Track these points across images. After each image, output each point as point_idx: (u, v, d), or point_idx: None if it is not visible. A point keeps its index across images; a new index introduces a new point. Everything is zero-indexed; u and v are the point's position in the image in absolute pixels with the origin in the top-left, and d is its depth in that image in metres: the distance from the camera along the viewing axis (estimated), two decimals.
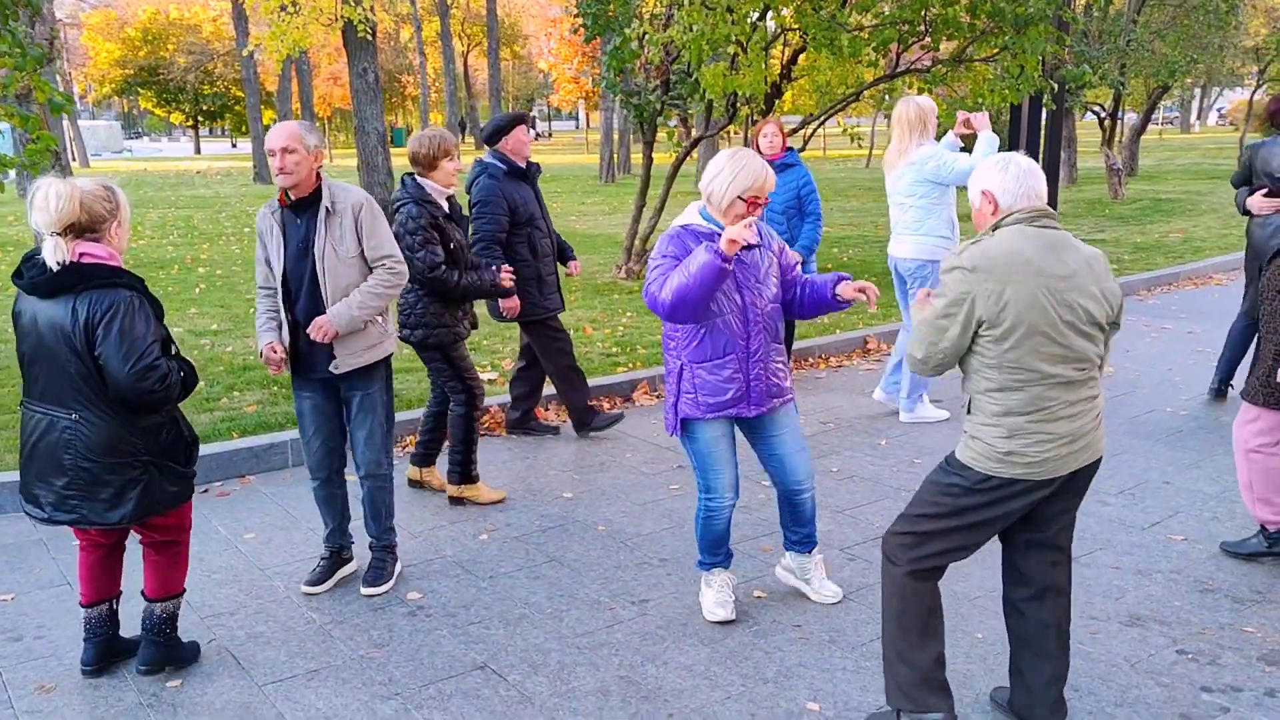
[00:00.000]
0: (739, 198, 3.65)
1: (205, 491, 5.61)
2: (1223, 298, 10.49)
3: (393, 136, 64.48)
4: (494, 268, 5.23)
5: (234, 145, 70.82)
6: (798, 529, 4.14)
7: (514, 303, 5.87)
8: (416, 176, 5.05)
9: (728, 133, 14.03)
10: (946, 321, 2.94)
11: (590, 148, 49.91)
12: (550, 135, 76.83)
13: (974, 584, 4.32)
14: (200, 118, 58.71)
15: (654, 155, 11.61)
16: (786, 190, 6.74)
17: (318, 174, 4.13)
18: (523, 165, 5.92)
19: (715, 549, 4.05)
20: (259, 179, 31.57)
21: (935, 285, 6.27)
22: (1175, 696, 3.46)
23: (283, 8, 14.27)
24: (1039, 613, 3.18)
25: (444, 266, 4.93)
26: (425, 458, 5.56)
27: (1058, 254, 2.90)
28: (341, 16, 13.96)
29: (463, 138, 39.35)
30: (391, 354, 4.39)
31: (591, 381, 7.12)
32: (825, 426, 6.52)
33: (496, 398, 6.79)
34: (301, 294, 4.18)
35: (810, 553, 4.21)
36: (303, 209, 4.13)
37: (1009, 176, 2.99)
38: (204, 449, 5.77)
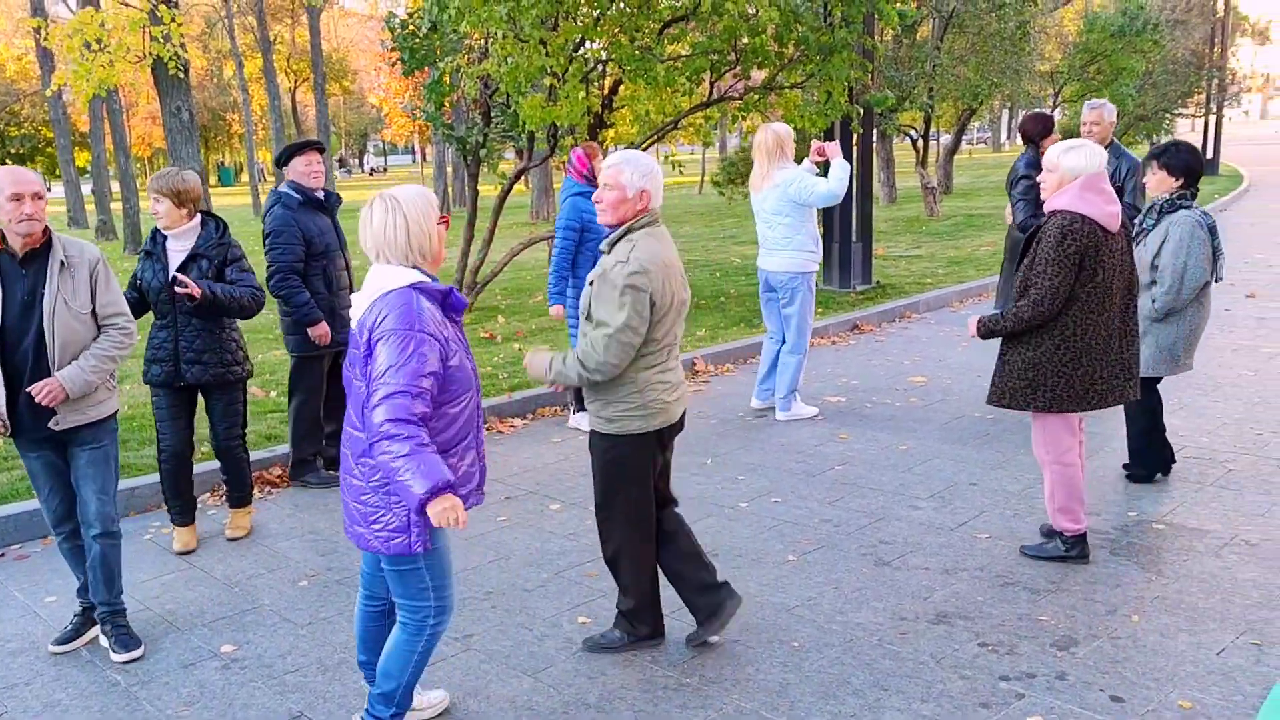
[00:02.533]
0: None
1: (2, 555, 5.28)
2: None
3: (220, 175, 62.50)
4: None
5: (48, 189, 67.23)
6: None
7: (323, 330, 5.85)
8: None
9: (562, 163, 14.14)
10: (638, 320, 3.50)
11: (426, 181, 49.40)
12: (386, 170, 75.77)
13: (792, 594, 4.43)
14: (8, 160, 55.58)
15: (480, 187, 11.57)
16: None
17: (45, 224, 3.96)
18: (318, 195, 5.84)
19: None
20: (74, 223, 30.05)
21: (805, 296, 6.84)
22: (976, 688, 3.63)
23: (87, 45, 13.68)
24: (689, 545, 3.95)
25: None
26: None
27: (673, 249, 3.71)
28: (150, 54, 13.46)
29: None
30: (117, 410, 4.22)
31: None
32: None
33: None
34: (20, 350, 3.93)
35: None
36: (30, 260, 3.92)
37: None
38: (1, 510, 5.45)
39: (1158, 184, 5.22)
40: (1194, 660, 3.75)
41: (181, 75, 14.02)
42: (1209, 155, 29.13)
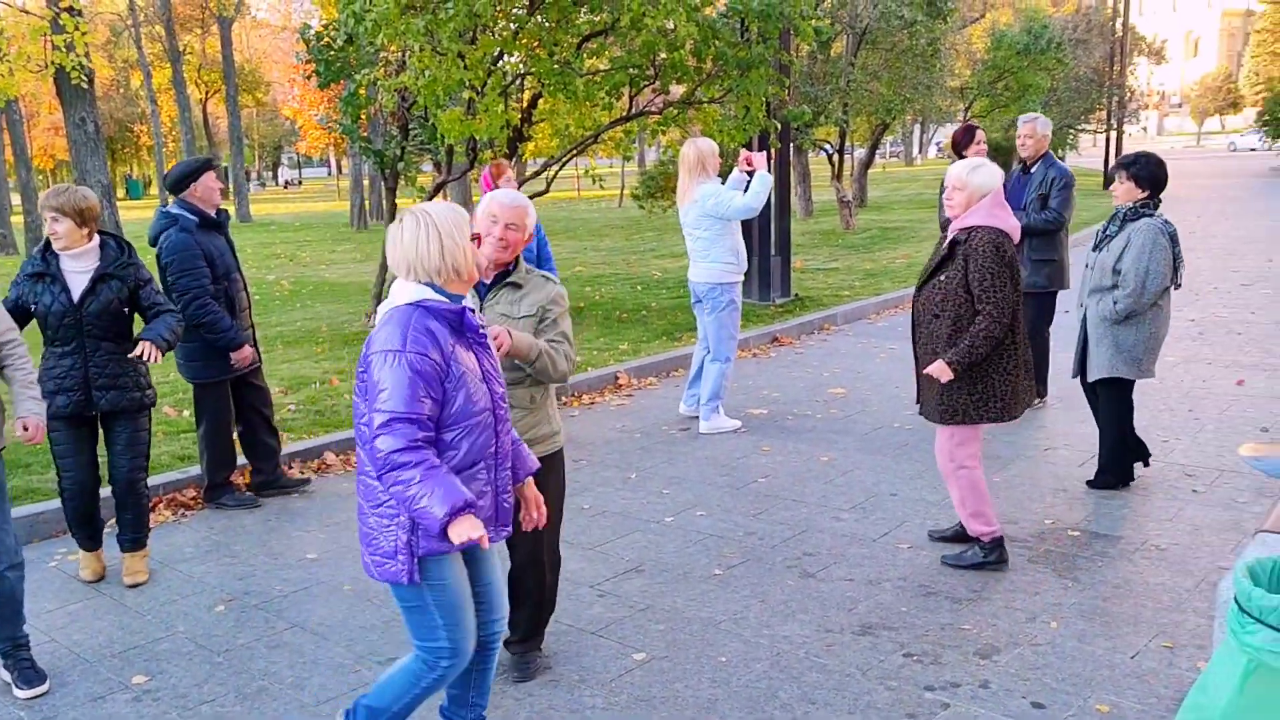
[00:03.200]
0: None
1: None
2: None
3: (128, 188, 60.88)
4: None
5: None
6: (480, 700, 3.41)
7: (246, 353, 5.75)
8: None
9: (481, 177, 14.04)
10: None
11: (342, 194, 48.71)
12: (301, 183, 74.57)
13: (718, 609, 4.43)
14: None
15: (398, 201, 11.44)
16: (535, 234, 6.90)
17: None
18: (214, 214, 5.71)
19: None
20: None
21: (727, 306, 6.98)
22: (902, 698, 3.66)
23: None
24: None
25: None
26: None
27: None
28: (52, 63, 13.07)
29: None
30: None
31: (339, 434, 6.92)
32: (578, 464, 6.56)
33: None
34: None
35: None
36: None
37: None
38: None
39: (1125, 193, 5.40)
40: (1110, 664, 3.83)
41: (85, 85, 13.64)
42: (1108, 169, 30.05)
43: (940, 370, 4.49)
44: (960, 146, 7.13)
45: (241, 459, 6.19)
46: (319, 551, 5.29)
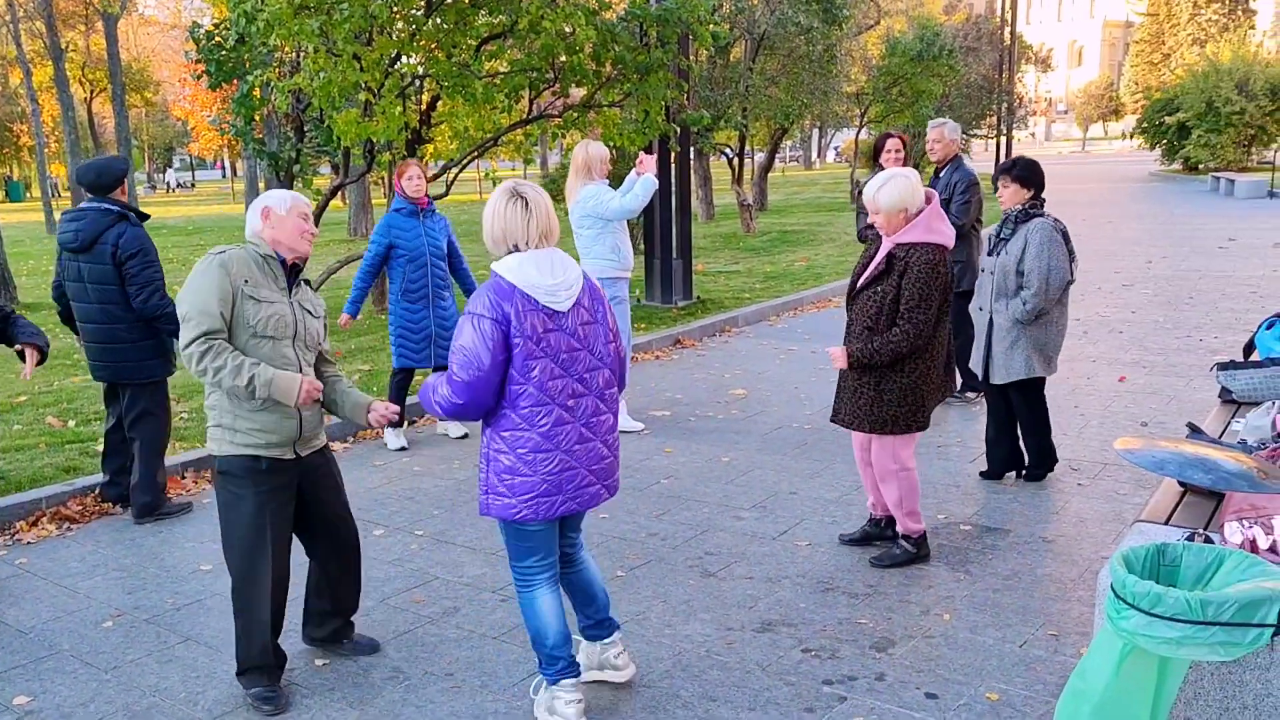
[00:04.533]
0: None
1: None
2: (842, 319, 11.53)
3: (8, 190, 58.41)
4: None
5: None
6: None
7: None
8: None
9: (380, 179, 13.85)
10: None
11: (237, 197, 47.54)
12: (194, 185, 72.52)
13: (621, 610, 4.45)
14: None
15: None
16: (442, 234, 6.96)
17: None
18: (140, 215, 5.61)
19: None
20: None
21: (613, 297, 6.98)
22: (801, 693, 3.73)
23: None
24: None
25: None
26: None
27: None
28: None
29: None
30: None
31: None
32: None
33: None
34: None
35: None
36: None
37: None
38: None
39: (1012, 195, 5.55)
40: (1000, 654, 3.96)
41: None
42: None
43: (839, 356, 4.59)
44: (875, 155, 7.26)
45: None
46: (213, 563, 5.15)
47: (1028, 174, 5.53)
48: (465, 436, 7.29)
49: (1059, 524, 5.25)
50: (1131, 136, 44.14)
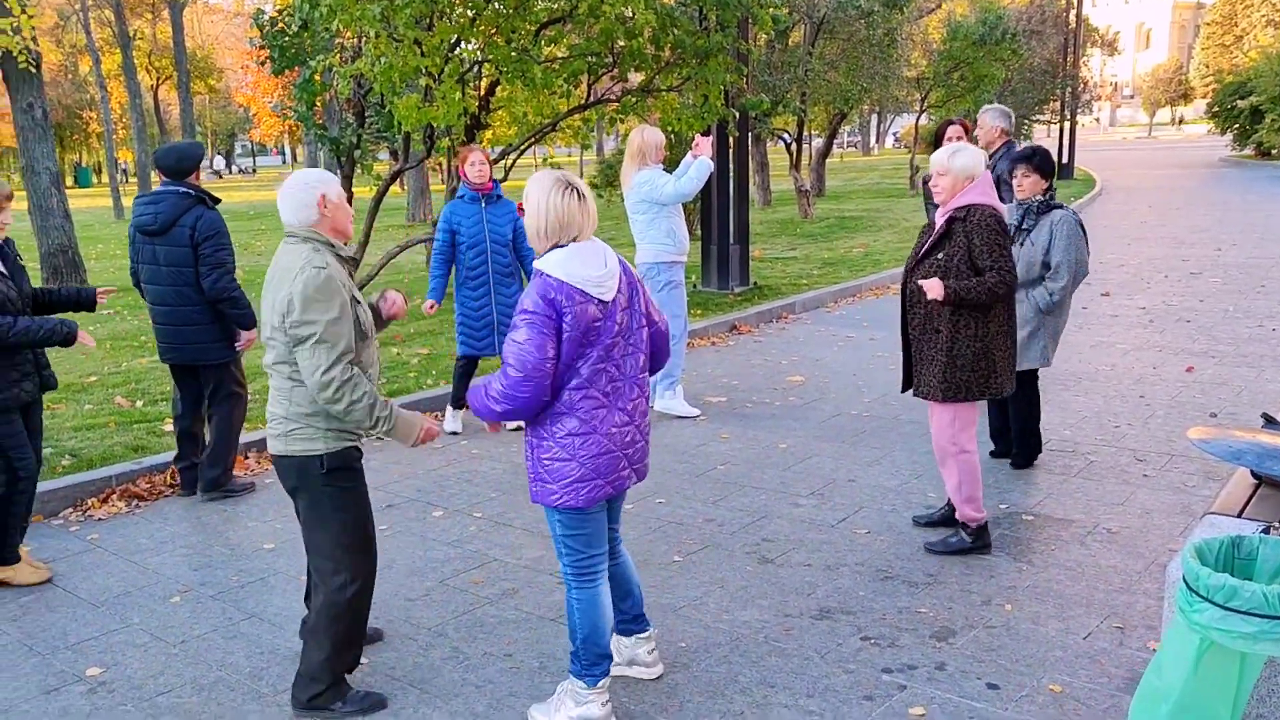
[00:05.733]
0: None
1: None
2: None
3: (77, 176, 59.75)
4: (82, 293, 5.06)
5: None
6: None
7: (253, 335, 5.83)
8: None
9: (439, 164, 13.95)
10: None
11: None
12: (255, 171, 73.64)
13: (678, 595, 4.45)
14: None
15: (354, 189, 11.34)
16: (506, 221, 6.83)
17: None
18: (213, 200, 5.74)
19: None
20: None
21: (665, 285, 7.08)
22: (860, 681, 3.70)
23: None
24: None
25: None
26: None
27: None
28: None
29: (157, 177, 37.00)
30: None
31: None
32: None
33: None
34: None
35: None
36: None
37: None
38: None
39: (1033, 185, 5.54)
40: (1063, 645, 3.89)
41: (33, 70, 13.35)
42: (1064, 160, 30.39)
43: (934, 286, 4.46)
44: (937, 142, 7.19)
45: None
46: (276, 542, 5.24)
47: (1047, 164, 5.58)
48: (520, 428, 7.33)
49: (1124, 515, 5.15)
50: (1211, 121, 43.00)
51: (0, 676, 3.97)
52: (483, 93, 10.38)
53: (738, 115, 10.54)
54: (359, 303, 3.47)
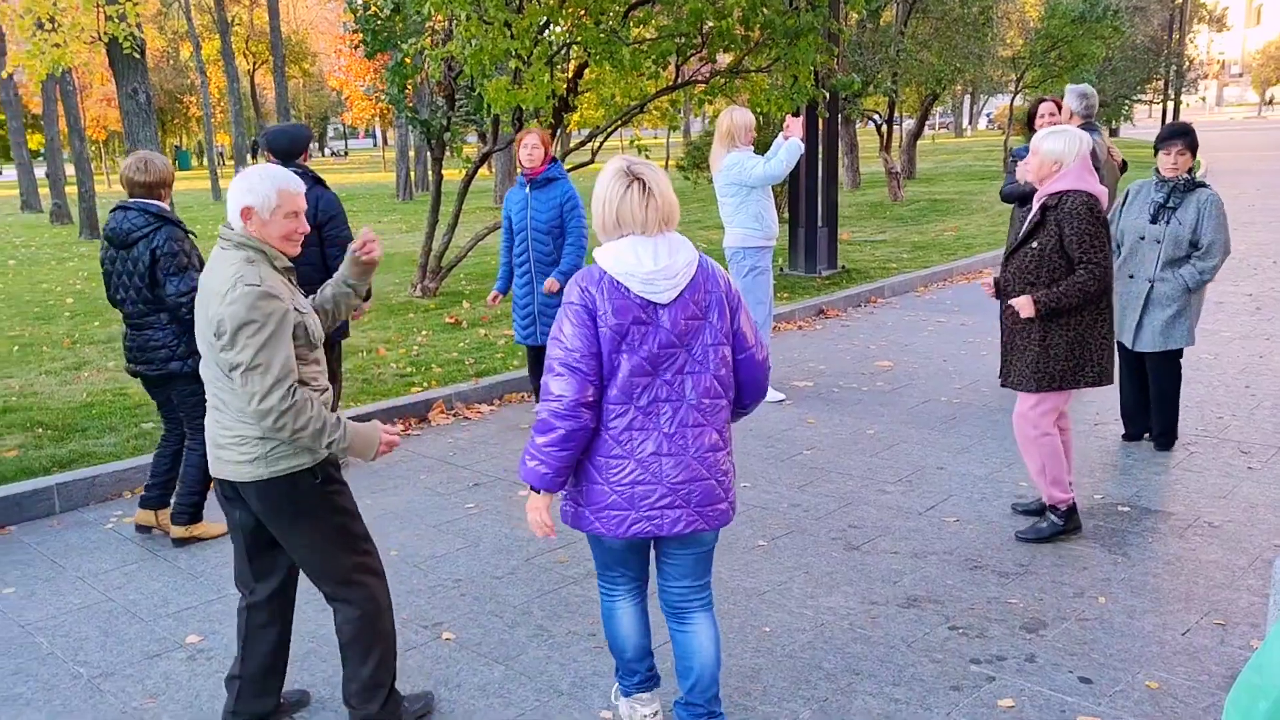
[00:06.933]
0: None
1: None
2: None
3: (177, 158, 61.53)
4: None
5: None
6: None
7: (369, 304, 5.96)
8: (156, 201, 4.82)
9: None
10: None
11: (388, 165, 48.97)
12: (346, 154, 75.01)
13: (763, 579, 4.43)
14: None
15: (443, 172, 11.47)
16: (549, 207, 6.41)
17: None
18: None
19: None
20: (27, 207, 29.54)
21: (752, 270, 7.02)
22: (947, 671, 3.64)
23: (39, 24, 13.38)
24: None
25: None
26: (161, 499, 5.17)
27: None
28: (105, 33, 13.20)
29: (253, 159, 37.88)
30: None
31: (385, 403, 6.98)
32: None
33: None
34: None
35: None
36: None
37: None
38: None
39: (1185, 163, 5.49)
40: (1160, 641, 3.78)
41: (137, 56, 13.76)
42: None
43: (1024, 305, 4.42)
44: (1030, 121, 7.00)
45: None
46: (365, 517, 5.34)
47: (1196, 142, 5.50)
48: None
49: (1227, 509, 4.98)
50: None
51: (106, 641, 4.13)
52: (571, 75, 10.40)
53: (828, 96, 10.40)
54: (303, 311, 3.11)
